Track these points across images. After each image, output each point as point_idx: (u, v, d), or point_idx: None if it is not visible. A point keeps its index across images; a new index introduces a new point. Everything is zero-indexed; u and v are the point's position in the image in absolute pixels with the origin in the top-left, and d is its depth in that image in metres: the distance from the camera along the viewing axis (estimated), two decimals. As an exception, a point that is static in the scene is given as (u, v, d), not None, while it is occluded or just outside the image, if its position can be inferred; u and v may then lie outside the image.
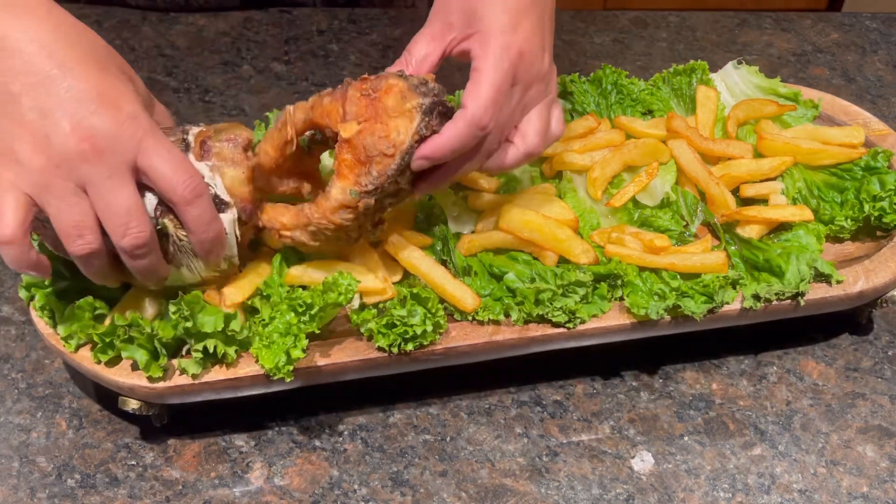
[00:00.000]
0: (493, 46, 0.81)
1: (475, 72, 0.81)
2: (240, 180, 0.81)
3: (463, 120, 0.80)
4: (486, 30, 0.82)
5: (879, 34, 1.45)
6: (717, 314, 0.90)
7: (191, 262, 0.81)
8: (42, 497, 0.82)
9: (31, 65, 0.72)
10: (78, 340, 0.82)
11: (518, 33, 0.82)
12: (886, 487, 0.86)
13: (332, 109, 0.82)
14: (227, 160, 0.81)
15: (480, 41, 0.82)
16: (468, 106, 0.80)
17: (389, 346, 0.83)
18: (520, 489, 0.84)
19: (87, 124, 0.72)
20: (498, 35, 0.82)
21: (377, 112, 0.80)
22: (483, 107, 0.80)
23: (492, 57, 0.81)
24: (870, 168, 1.01)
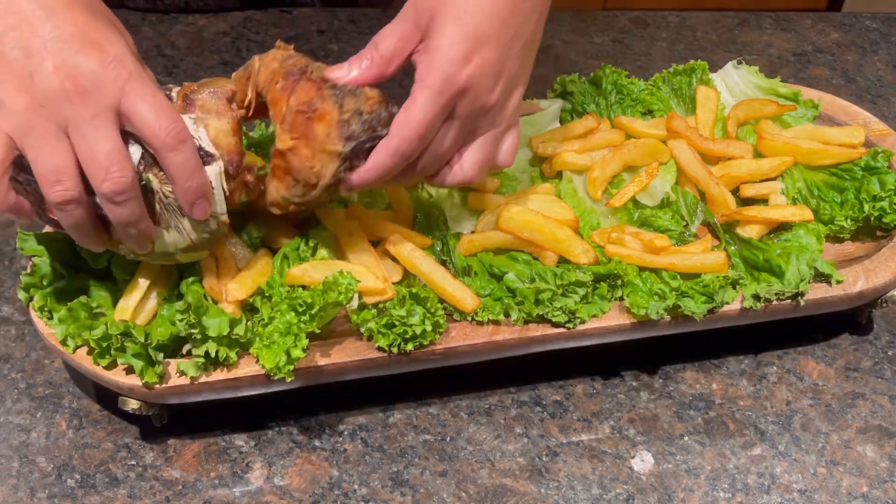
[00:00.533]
0: (436, 76, 0.77)
1: (411, 96, 0.79)
2: (224, 131, 0.80)
3: (385, 150, 0.79)
4: (436, 53, 0.78)
5: (879, 34, 1.45)
6: (717, 314, 0.90)
7: (179, 223, 0.79)
8: (42, 497, 0.82)
9: (15, 4, 0.71)
10: (76, 342, 0.82)
11: (468, 67, 0.78)
12: (886, 487, 0.86)
13: (280, 99, 0.82)
14: (210, 112, 0.80)
15: (427, 65, 0.78)
16: (394, 134, 0.79)
17: (389, 346, 0.83)
18: (520, 489, 0.84)
19: (71, 63, 0.70)
20: (445, 64, 0.77)
21: (308, 134, 0.80)
22: (408, 139, 0.79)
23: (430, 87, 0.78)
24: (870, 168, 1.01)
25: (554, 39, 1.40)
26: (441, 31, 0.78)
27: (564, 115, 1.10)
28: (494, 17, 0.79)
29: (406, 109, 0.79)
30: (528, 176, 1.03)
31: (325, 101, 0.79)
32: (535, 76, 1.32)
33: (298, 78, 0.81)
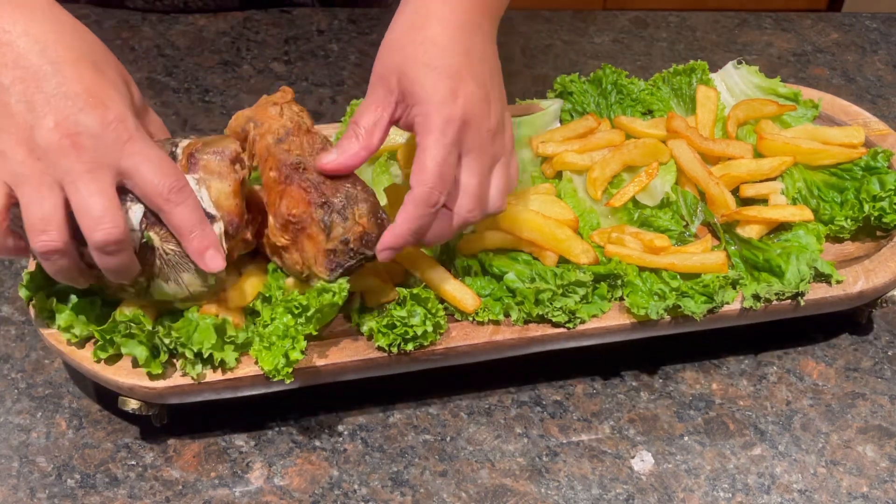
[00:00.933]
0: (435, 121, 0.79)
1: (419, 148, 0.80)
2: (226, 193, 0.80)
3: (412, 203, 0.79)
4: (425, 102, 0.80)
5: (879, 34, 1.45)
6: (717, 314, 0.90)
7: (178, 276, 0.81)
8: (42, 497, 0.82)
9: (24, 59, 0.73)
10: (80, 331, 0.82)
11: (459, 100, 0.80)
12: (886, 487, 0.86)
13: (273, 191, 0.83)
14: (213, 173, 0.80)
15: (422, 116, 0.80)
16: (415, 187, 0.79)
17: (389, 346, 0.83)
18: (520, 489, 0.84)
19: (72, 121, 0.72)
20: (439, 107, 0.79)
21: (298, 244, 0.82)
22: (430, 185, 0.79)
23: (434, 132, 0.79)
24: (870, 168, 1.01)
25: (554, 39, 1.40)
26: (418, 82, 0.80)
27: (564, 115, 1.10)
28: (457, 52, 0.81)
29: (417, 161, 0.80)
30: (528, 176, 1.03)
31: (313, 223, 0.81)
32: (535, 76, 1.33)
33: (291, 177, 0.82)
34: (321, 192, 0.81)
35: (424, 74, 0.80)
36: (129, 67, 1.27)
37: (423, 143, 0.80)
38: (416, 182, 0.80)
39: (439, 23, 0.82)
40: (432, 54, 0.80)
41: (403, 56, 0.81)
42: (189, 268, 0.80)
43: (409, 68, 0.80)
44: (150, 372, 0.80)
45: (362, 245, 0.81)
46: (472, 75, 0.81)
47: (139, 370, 0.81)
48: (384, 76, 0.82)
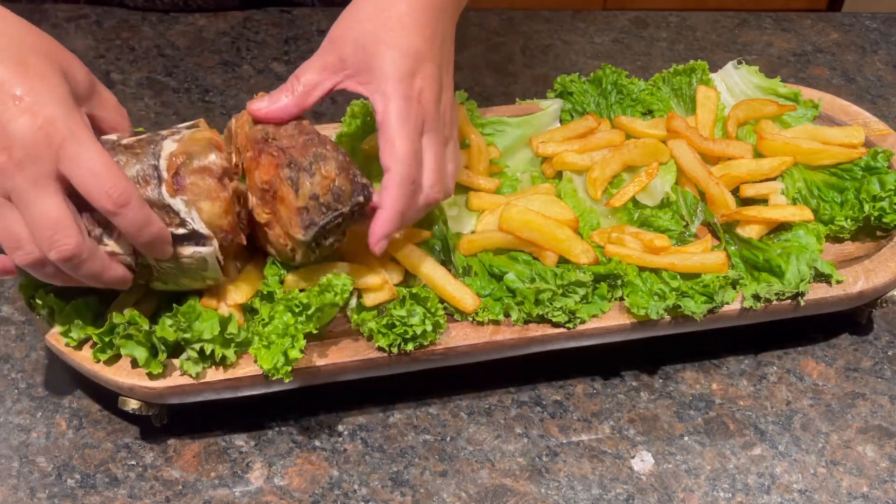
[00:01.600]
0: (396, 98, 0.80)
1: (384, 128, 0.80)
2: (217, 214, 0.78)
3: (394, 183, 0.80)
4: (383, 77, 0.80)
5: (879, 34, 1.45)
6: (717, 314, 0.90)
7: (178, 281, 0.81)
8: (42, 497, 0.82)
9: None
10: (78, 335, 0.82)
11: (417, 80, 0.81)
12: (886, 487, 0.86)
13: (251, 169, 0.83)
14: (201, 195, 0.78)
15: (381, 92, 0.80)
16: (391, 167, 0.80)
17: (389, 346, 0.83)
18: (520, 489, 0.84)
19: (2, 135, 0.69)
20: (398, 85, 0.80)
21: (276, 213, 0.82)
22: (407, 163, 0.79)
23: (396, 110, 0.79)
24: (870, 168, 1.01)
25: (554, 39, 1.40)
26: (378, 59, 0.80)
27: (564, 115, 1.10)
28: (421, 35, 0.82)
29: (386, 140, 0.80)
30: (528, 176, 1.03)
31: (282, 183, 0.80)
32: (535, 76, 1.33)
33: (262, 149, 0.82)
34: (289, 154, 0.80)
35: (385, 52, 0.80)
36: (128, 67, 1.28)
37: (387, 121, 0.80)
38: (393, 162, 0.79)
39: (407, 2, 0.82)
40: (396, 33, 0.80)
41: (365, 30, 0.81)
42: (187, 274, 0.80)
43: (370, 44, 0.81)
44: (150, 372, 0.80)
45: (334, 200, 0.80)
46: (431, 57, 0.82)
47: (139, 370, 0.81)
48: (340, 43, 0.82)
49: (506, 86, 1.30)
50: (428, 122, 0.82)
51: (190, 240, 0.78)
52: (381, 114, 0.80)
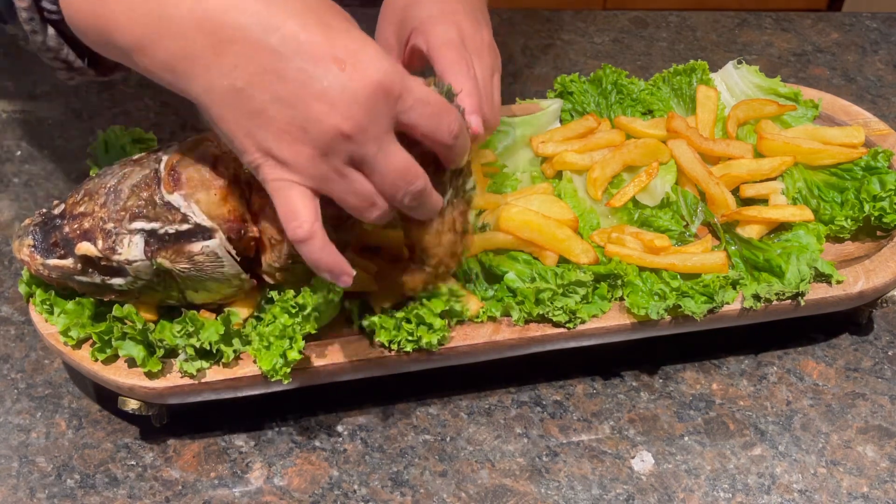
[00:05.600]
0: (434, 26, 0.83)
1: (431, 49, 0.82)
2: (215, 203, 0.78)
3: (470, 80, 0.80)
4: (419, 24, 0.84)
5: (879, 34, 1.45)
6: (717, 314, 0.90)
7: (207, 286, 0.80)
8: (42, 497, 0.82)
9: (253, 51, 0.66)
10: (77, 334, 0.82)
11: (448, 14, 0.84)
12: (886, 488, 0.86)
13: None
14: (197, 186, 0.78)
15: (420, 32, 0.84)
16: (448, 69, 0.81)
17: (390, 343, 0.83)
18: (520, 489, 0.84)
19: (339, 102, 0.66)
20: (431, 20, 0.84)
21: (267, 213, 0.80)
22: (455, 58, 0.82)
23: (436, 30, 0.83)
24: (870, 168, 1.01)
25: (554, 39, 1.40)
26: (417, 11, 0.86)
27: (564, 115, 1.10)
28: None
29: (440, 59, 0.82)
30: (528, 176, 1.03)
31: None
32: (535, 76, 1.33)
33: None
34: None
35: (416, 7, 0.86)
36: (128, 67, 1.28)
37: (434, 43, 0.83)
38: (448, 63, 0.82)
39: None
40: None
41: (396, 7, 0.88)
42: (209, 276, 0.80)
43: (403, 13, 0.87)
44: (148, 370, 0.80)
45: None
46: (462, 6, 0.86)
47: (138, 370, 0.81)
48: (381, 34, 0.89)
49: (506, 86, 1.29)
50: (468, 41, 0.83)
51: (196, 235, 0.78)
52: (425, 43, 0.83)
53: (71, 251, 0.79)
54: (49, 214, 0.82)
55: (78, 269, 0.79)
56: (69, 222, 0.80)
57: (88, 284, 0.81)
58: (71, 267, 0.79)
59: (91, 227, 0.78)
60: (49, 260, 0.80)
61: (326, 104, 0.66)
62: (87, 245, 0.78)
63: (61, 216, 0.81)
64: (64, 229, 0.80)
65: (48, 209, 0.83)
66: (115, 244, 0.77)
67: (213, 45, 0.66)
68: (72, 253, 0.79)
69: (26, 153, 1.14)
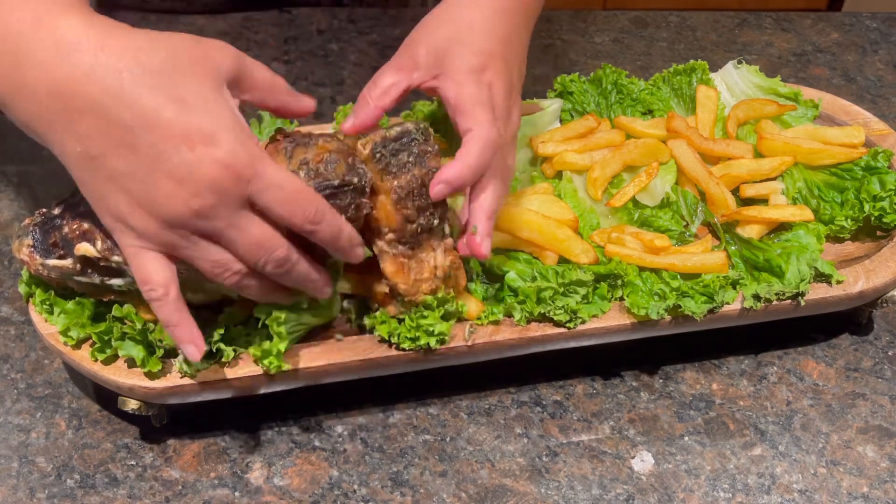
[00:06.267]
0: (466, 84, 0.82)
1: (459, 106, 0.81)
2: None
3: (475, 140, 0.80)
4: (454, 69, 0.82)
5: (879, 34, 1.45)
6: (718, 314, 0.90)
7: (202, 286, 0.80)
8: (41, 497, 0.82)
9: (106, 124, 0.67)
10: (77, 334, 0.82)
11: (486, 73, 0.82)
12: (887, 488, 0.85)
13: None
14: None
15: (452, 80, 0.82)
16: (474, 129, 0.80)
17: (389, 336, 0.83)
18: (520, 489, 0.84)
19: (188, 182, 0.67)
20: (467, 73, 0.82)
21: None
22: (488, 122, 0.80)
23: (468, 92, 0.81)
24: (870, 168, 1.01)
25: (554, 39, 1.40)
26: (452, 54, 0.83)
27: (564, 115, 1.10)
28: (494, 37, 0.84)
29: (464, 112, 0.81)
30: (528, 176, 1.03)
31: (278, 154, 0.79)
32: (535, 76, 1.33)
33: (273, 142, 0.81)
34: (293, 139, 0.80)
35: (456, 49, 0.83)
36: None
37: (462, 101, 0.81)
38: (474, 125, 0.80)
39: (480, 11, 0.84)
40: (468, 35, 0.83)
41: (438, 35, 0.84)
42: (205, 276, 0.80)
43: (442, 45, 0.83)
44: (148, 371, 0.80)
45: (325, 168, 0.78)
46: (502, 57, 0.84)
47: (138, 370, 0.81)
48: (412, 47, 0.85)
49: (506, 86, 1.30)
50: (497, 110, 0.82)
51: None
52: (453, 98, 0.82)
53: (70, 251, 0.79)
54: (49, 215, 0.82)
55: (77, 270, 0.79)
56: (69, 223, 0.80)
57: (88, 285, 0.81)
58: (70, 267, 0.79)
59: (90, 228, 0.78)
60: (48, 260, 0.80)
61: (175, 182, 0.67)
62: (87, 245, 0.78)
63: (61, 216, 0.81)
64: (63, 229, 0.80)
65: (48, 210, 0.83)
66: (115, 245, 0.77)
67: (66, 113, 0.67)
68: (71, 253, 0.79)
69: (26, 153, 1.14)
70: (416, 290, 0.83)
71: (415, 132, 0.81)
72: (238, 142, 0.69)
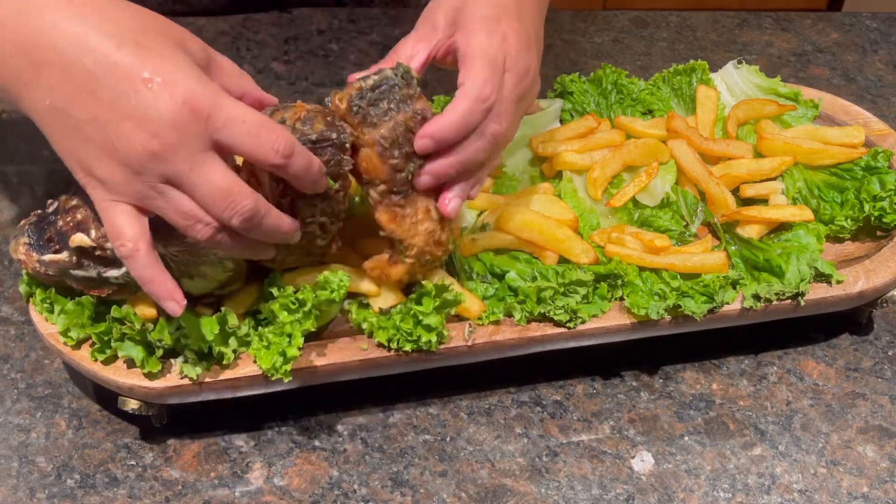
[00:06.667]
0: (478, 32, 0.80)
1: (464, 57, 0.80)
2: None
3: (464, 96, 0.78)
4: (468, 23, 0.82)
5: (879, 34, 1.45)
6: (718, 314, 0.90)
7: (197, 270, 0.80)
8: (42, 497, 0.82)
9: (68, 71, 0.67)
10: (77, 335, 0.82)
11: (501, 23, 0.81)
12: (886, 487, 0.85)
13: None
14: None
15: (464, 33, 0.81)
16: (465, 83, 0.79)
17: (388, 342, 0.83)
18: (520, 489, 0.84)
19: (146, 121, 0.67)
20: (480, 23, 0.81)
21: None
22: (482, 79, 0.78)
23: (478, 38, 0.80)
24: (870, 168, 1.01)
25: (554, 39, 1.40)
26: (467, 12, 0.82)
27: (564, 115, 1.10)
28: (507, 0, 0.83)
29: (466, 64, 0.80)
30: (528, 176, 1.03)
31: None
32: (535, 76, 1.32)
33: None
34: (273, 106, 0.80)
35: (470, 8, 0.82)
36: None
37: (469, 51, 0.80)
38: (468, 79, 0.79)
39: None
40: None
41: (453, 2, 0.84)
42: (203, 260, 0.80)
43: (458, 8, 0.83)
44: (148, 371, 0.80)
45: (302, 125, 0.77)
46: (517, 15, 0.83)
47: (138, 370, 0.81)
48: (430, 16, 0.85)
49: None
50: (509, 59, 0.81)
51: None
52: (463, 46, 0.81)
53: (65, 244, 0.79)
54: (44, 213, 0.82)
55: (73, 263, 0.79)
56: (62, 216, 0.80)
57: (85, 279, 0.81)
58: (66, 260, 0.79)
59: (84, 218, 0.79)
60: (44, 255, 0.80)
61: (134, 122, 0.67)
62: (81, 236, 0.78)
63: (55, 213, 0.81)
64: (58, 224, 0.80)
65: (43, 210, 0.83)
66: None
67: (32, 66, 0.69)
68: (66, 246, 0.79)
69: (26, 153, 1.14)
70: (413, 234, 0.82)
71: (393, 77, 0.79)
72: (196, 80, 0.69)
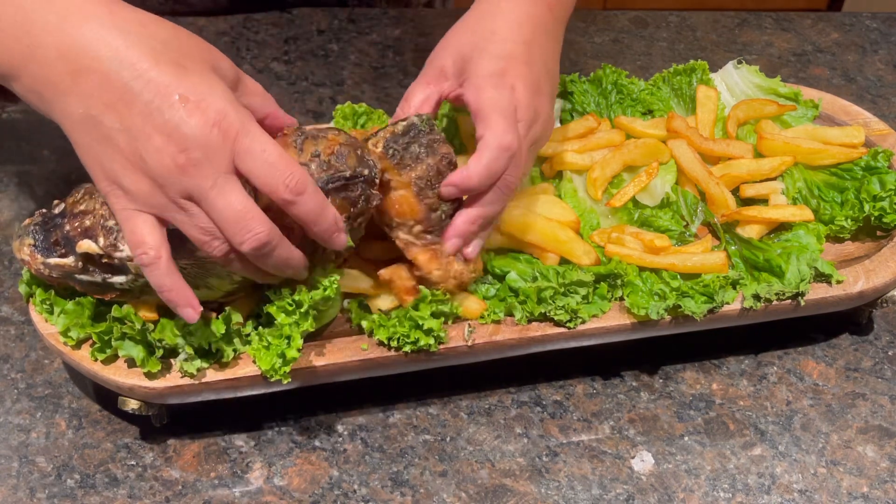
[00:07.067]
0: (486, 88, 0.83)
1: (479, 113, 0.83)
2: None
3: (486, 147, 0.81)
4: (475, 78, 0.84)
5: (879, 34, 1.45)
6: (718, 314, 0.90)
7: (208, 282, 0.80)
8: (42, 497, 0.82)
9: (107, 82, 0.70)
10: (77, 334, 0.82)
11: (507, 77, 0.84)
12: (886, 487, 0.85)
13: None
14: None
15: (473, 89, 0.84)
16: (486, 135, 0.81)
17: (388, 340, 0.83)
18: (520, 489, 0.84)
19: (176, 137, 0.69)
20: (487, 79, 0.83)
21: None
22: (502, 129, 0.81)
23: (487, 93, 0.83)
24: (870, 168, 1.01)
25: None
26: (475, 61, 0.85)
27: (564, 115, 1.10)
28: (516, 42, 0.86)
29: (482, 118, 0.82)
30: (528, 176, 1.02)
31: (287, 147, 0.79)
32: (535, 76, 1.32)
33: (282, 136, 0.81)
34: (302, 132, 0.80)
35: (479, 56, 0.85)
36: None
37: (482, 107, 0.82)
38: (488, 131, 0.81)
39: (503, 17, 0.87)
40: (491, 42, 0.85)
41: (462, 43, 0.87)
42: (211, 272, 0.80)
43: (467, 53, 0.86)
44: (148, 371, 0.80)
45: (336, 160, 0.78)
46: (526, 61, 0.85)
47: (138, 370, 0.81)
48: (438, 59, 0.88)
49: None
50: (520, 110, 0.83)
51: None
52: (473, 103, 0.84)
53: (72, 249, 0.79)
54: (49, 214, 0.82)
55: (79, 268, 0.79)
56: (70, 220, 0.80)
57: (89, 283, 0.81)
58: (72, 265, 0.79)
59: (92, 225, 0.78)
60: (50, 259, 0.80)
61: (165, 136, 0.70)
62: (89, 243, 0.78)
63: (62, 215, 0.81)
64: (65, 228, 0.80)
65: (48, 209, 0.83)
66: (117, 241, 0.77)
67: (72, 73, 0.71)
68: (73, 251, 0.79)
69: (26, 153, 1.14)
70: (448, 276, 0.85)
71: (419, 124, 0.83)
72: (229, 104, 0.72)
